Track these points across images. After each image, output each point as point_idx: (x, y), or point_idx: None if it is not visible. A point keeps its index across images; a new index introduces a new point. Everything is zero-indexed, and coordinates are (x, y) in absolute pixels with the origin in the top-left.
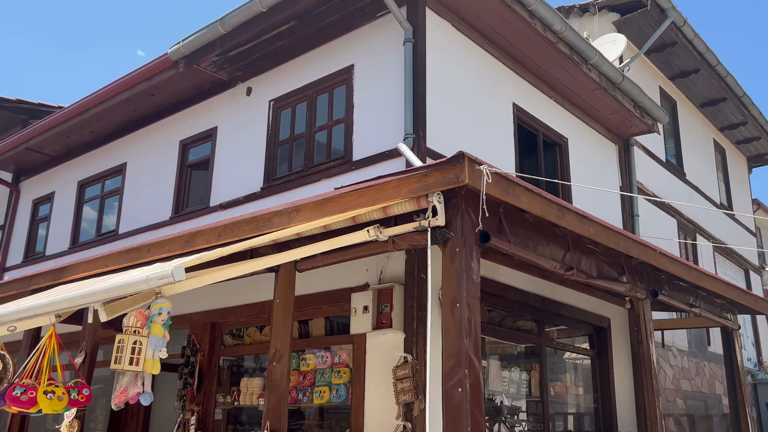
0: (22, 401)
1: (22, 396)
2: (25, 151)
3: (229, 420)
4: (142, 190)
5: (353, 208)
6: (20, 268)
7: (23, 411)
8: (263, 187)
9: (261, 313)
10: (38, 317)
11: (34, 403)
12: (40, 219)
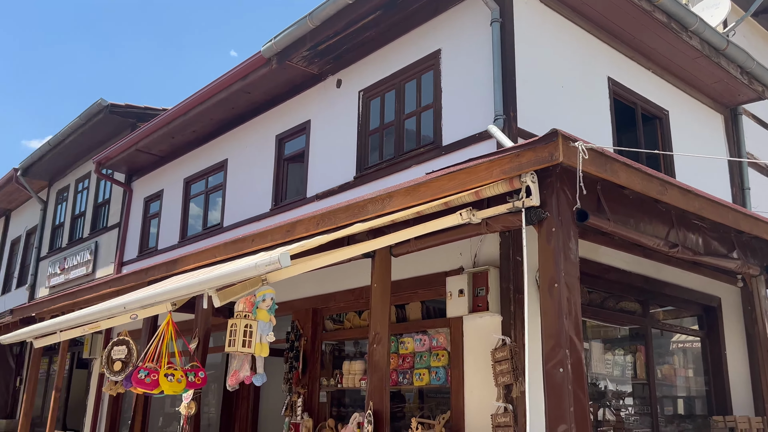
0: (146, 383)
1: (146, 378)
2: (135, 152)
3: (333, 402)
4: (243, 185)
5: (445, 192)
6: (136, 261)
7: (147, 392)
8: (356, 176)
9: (359, 298)
10: (156, 306)
11: (157, 385)
12: (151, 215)
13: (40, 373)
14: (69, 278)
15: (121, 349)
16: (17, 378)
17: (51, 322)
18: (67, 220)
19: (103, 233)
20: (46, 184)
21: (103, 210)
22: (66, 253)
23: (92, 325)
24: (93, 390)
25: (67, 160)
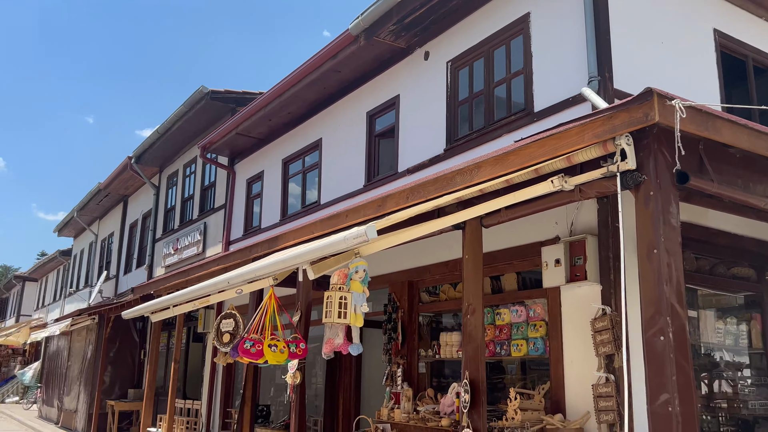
0: (251, 353)
1: (251, 349)
2: (236, 136)
3: (433, 372)
4: (337, 162)
5: (534, 160)
6: (242, 240)
7: (252, 361)
8: (446, 149)
9: (454, 270)
10: (258, 281)
11: (261, 355)
12: (254, 196)
13: (160, 347)
14: (182, 258)
15: (228, 322)
16: (141, 351)
17: (164, 298)
18: (177, 203)
19: (210, 214)
20: (157, 170)
21: (209, 192)
22: (178, 234)
23: (201, 300)
24: (208, 362)
25: (175, 147)
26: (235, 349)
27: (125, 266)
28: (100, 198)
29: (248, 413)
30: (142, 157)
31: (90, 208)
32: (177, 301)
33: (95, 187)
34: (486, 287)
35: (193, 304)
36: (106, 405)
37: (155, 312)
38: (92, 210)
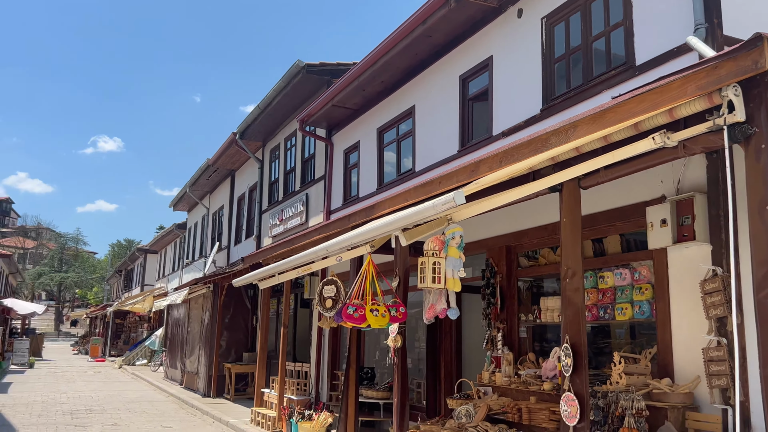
0: (354, 318)
1: (354, 314)
2: (332, 107)
3: (534, 337)
4: (431, 129)
5: (634, 116)
6: (341, 210)
7: (356, 326)
8: (542, 109)
9: (553, 234)
10: (356, 248)
11: (364, 320)
12: (351, 166)
13: (270, 313)
14: (287, 228)
15: (330, 288)
16: (253, 317)
17: (270, 266)
18: (280, 176)
19: (311, 185)
20: (260, 144)
21: (310, 164)
22: (282, 205)
23: (304, 268)
24: (314, 326)
25: (276, 121)
26: (339, 314)
27: (235, 237)
28: (209, 173)
29: (353, 375)
30: (246, 132)
31: (201, 183)
32: (282, 269)
33: (204, 163)
34: (587, 250)
35: (296, 271)
36: (223, 367)
37: (263, 279)
38: (203, 185)
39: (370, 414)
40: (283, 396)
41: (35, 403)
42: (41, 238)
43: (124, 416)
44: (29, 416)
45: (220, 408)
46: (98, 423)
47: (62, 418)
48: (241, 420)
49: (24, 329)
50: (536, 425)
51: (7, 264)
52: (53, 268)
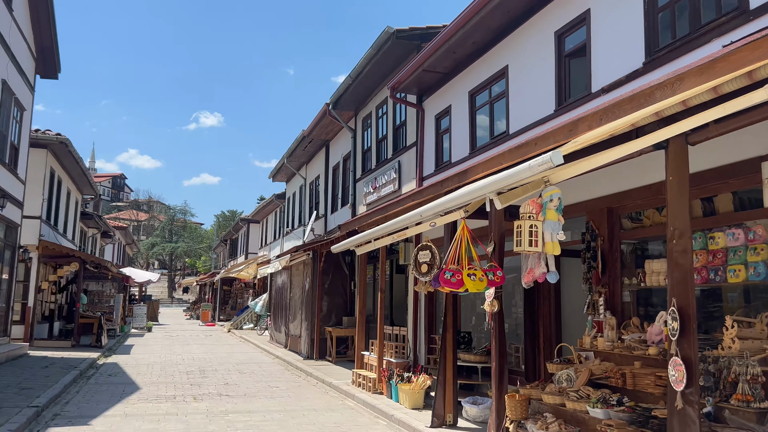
0: (451, 282)
1: (451, 278)
2: (422, 73)
3: (639, 301)
4: (525, 89)
5: (747, 65)
6: (433, 176)
7: (453, 290)
8: (645, 62)
9: (658, 194)
10: (450, 213)
11: (462, 284)
12: (443, 131)
13: (367, 279)
14: (380, 195)
15: (425, 253)
16: (351, 283)
17: (366, 232)
18: (373, 144)
19: (403, 153)
20: (352, 114)
21: (401, 131)
22: (376, 173)
23: (398, 234)
24: (410, 291)
25: (367, 90)
26: (436, 279)
27: (331, 206)
28: (305, 144)
29: (450, 339)
30: (338, 102)
31: (297, 154)
32: (377, 235)
33: (300, 135)
34: (695, 210)
35: (391, 237)
36: (324, 331)
37: (359, 245)
38: (299, 156)
39: (468, 377)
40: (382, 359)
41: (155, 364)
42: (152, 211)
43: (234, 377)
44: (150, 375)
45: (323, 369)
46: (211, 382)
47: (179, 377)
48: (343, 381)
49: (141, 296)
50: (641, 390)
51: (124, 235)
52: (164, 238)
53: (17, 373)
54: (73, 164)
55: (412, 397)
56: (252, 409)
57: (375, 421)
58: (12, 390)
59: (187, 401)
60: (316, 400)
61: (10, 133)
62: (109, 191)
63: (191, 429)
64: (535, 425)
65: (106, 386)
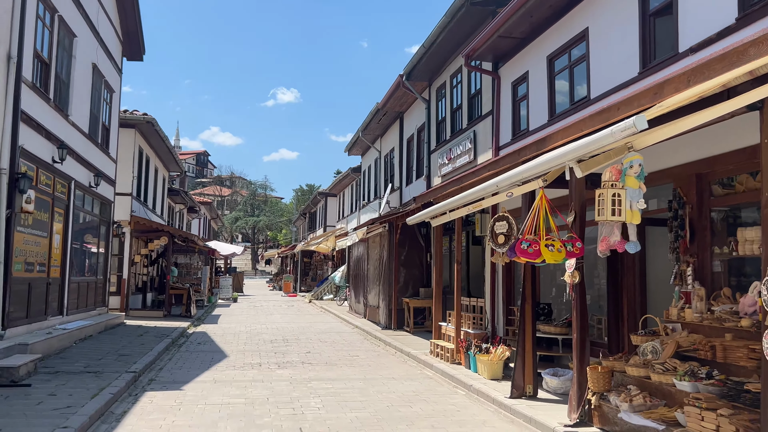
0: (528, 253)
1: (528, 249)
2: (498, 39)
3: (730, 271)
4: (607, 51)
5: None
6: (510, 145)
7: (530, 261)
8: (738, 17)
9: (752, 157)
10: (528, 183)
11: (539, 255)
12: (520, 98)
13: (443, 250)
14: (455, 166)
15: (502, 224)
16: (427, 254)
17: (441, 204)
18: (447, 115)
19: (478, 122)
20: (426, 85)
21: (476, 100)
22: (450, 144)
23: (474, 204)
24: (487, 262)
25: (441, 59)
26: (512, 250)
27: (406, 178)
28: (379, 117)
29: (529, 310)
30: (412, 73)
31: (371, 127)
32: (452, 206)
33: (374, 108)
34: None
35: (467, 208)
36: (402, 302)
37: (435, 217)
38: (373, 129)
39: (547, 349)
40: (460, 329)
41: (241, 333)
42: (235, 186)
43: (316, 345)
44: (236, 344)
45: (401, 339)
46: (294, 351)
47: (264, 346)
48: (421, 351)
49: (226, 268)
50: (732, 363)
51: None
52: (247, 213)
53: (116, 341)
54: (159, 142)
55: (490, 367)
56: (333, 377)
57: (453, 390)
58: (112, 356)
59: (272, 369)
60: (395, 369)
61: (102, 115)
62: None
63: (276, 395)
64: (619, 397)
65: (196, 354)
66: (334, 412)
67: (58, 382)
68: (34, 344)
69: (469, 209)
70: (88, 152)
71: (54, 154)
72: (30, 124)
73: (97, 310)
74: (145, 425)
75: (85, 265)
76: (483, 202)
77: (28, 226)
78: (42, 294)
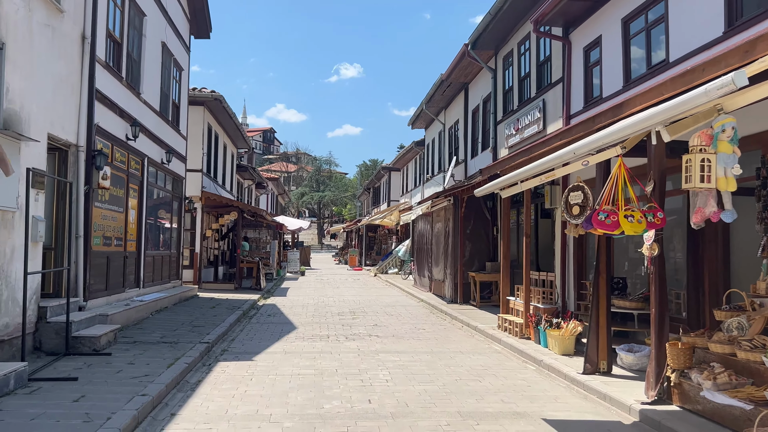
0: (606, 224)
1: (606, 220)
2: (568, 2)
3: None
4: (687, 11)
5: None
6: (582, 113)
7: (607, 233)
8: None
9: None
10: (605, 150)
11: (617, 226)
12: (592, 64)
13: (510, 223)
14: (523, 137)
15: (577, 194)
16: (493, 228)
17: (512, 174)
18: (514, 84)
19: (548, 90)
20: (492, 53)
21: (545, 68)
22: (518, 114)
23: (547, 174)
24: (557, 235)
25: (508, 26)
26: (588, 221)
27: (471, 150)
28: (443, 89)
29: (603, 284)
30: (477, 42)
31: (435, 99)
32: (523, 177)
33: (438, 79)
34: None
35: (539, 179)
36: (467, 276)
37: (505, 188)
38: (437, 101)
39: (622, 324)
40: (529, 304)
41: (308, 305)
42: (300, 162)
43: (382, 318)
44: (305, 316)
45: (467, 313)
46: (361, 324)
47: (331, 318)
48: (488, 325)
49: (294, 242)
50: None
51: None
52: (312, 188)
53: (189, 312)
54: (227, 119)
55: (562, 343)
56: (400, 349)
57: (523, 365)
58: (186, 327)
59: (340, 341)
60: (462, 343)
61: (171, 92)
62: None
63: (344, 366)
64: (701, 375)
65: (266, 325)
66: (402, 384)
67: (136, 351)
68: (113, 315)
69: (542, 179)
70: (159, 129)
71: (127, 131)
72: (104, 102)
73: (171, 283)
74: (219, 394)
75: (159, 240)
76: (555, 172)
77: (105, 202)
78: (119, 267)
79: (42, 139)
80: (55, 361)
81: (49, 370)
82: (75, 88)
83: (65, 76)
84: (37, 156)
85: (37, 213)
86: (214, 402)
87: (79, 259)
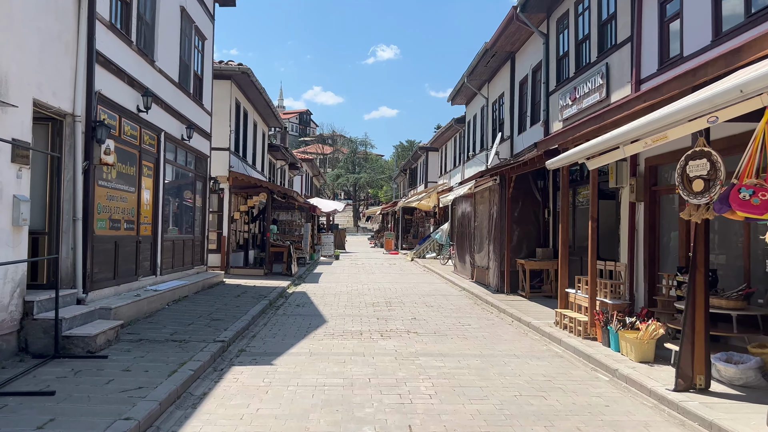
0: (752, 205)
1: (751, 199)
2: None
3: None
4: None
5: None
6: (655, 77)
7: (752, 216)
8: None
9: None
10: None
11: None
12: (669, 19)
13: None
14: (581, 108)
15: (699, 163)
16: (545, 210)
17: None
18: (571, 48)
19: (612, 52)
20: (544, 16)
21: (608, 27)
22: (575, 82)
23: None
24: (623, 220)
25: None
26: (724, 200)
27: (519, 125)
28: (487, 59)
29: (701, 280)
30: (527, 4)
31: (478, 71)
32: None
33: (482, 48)
34: None
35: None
36: (515, 263)
37: (591, 157)
38: (480, 73)
39: (712, 327)
40: (595, 299)
41: (341, 294)
42: (336, 144)
43: (421, 310)
44: (336, 307)
45: (516, 306)
46: (398, 316)
47: (365, 310)
48: (543, 321)
49: (329, 225)
50: None
51: (311, 167)
52: (348, 170)
53: (211, 302)
54: (257, 95)
55: (639, 347)
56: (444, 351)
57: (593, 375)
58: (203, 321)
59: (374, 339)
60: (516, 342)
61: (193, 63)
62: (296, 127)
63: (379, 375)
64: None
65: (293, 318)
66: (450, 401)
67: (137, 353)
68: (118, 308)
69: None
70: (178, 102)
71: (139, 102)
72: (108, 67)
73: (195, 269)
74: (225, 414)
75: (180, 223)
76: (668, 131)
77: (112, 180)
78: (131, 253)
79: (24, 104)
80: (38, 367)
81: (26, 380)
82: (70, 47)
83: (57, 33)
84: (18, 125)
85: (20, 192)
86: (216, 427)
87: (77, 245)
